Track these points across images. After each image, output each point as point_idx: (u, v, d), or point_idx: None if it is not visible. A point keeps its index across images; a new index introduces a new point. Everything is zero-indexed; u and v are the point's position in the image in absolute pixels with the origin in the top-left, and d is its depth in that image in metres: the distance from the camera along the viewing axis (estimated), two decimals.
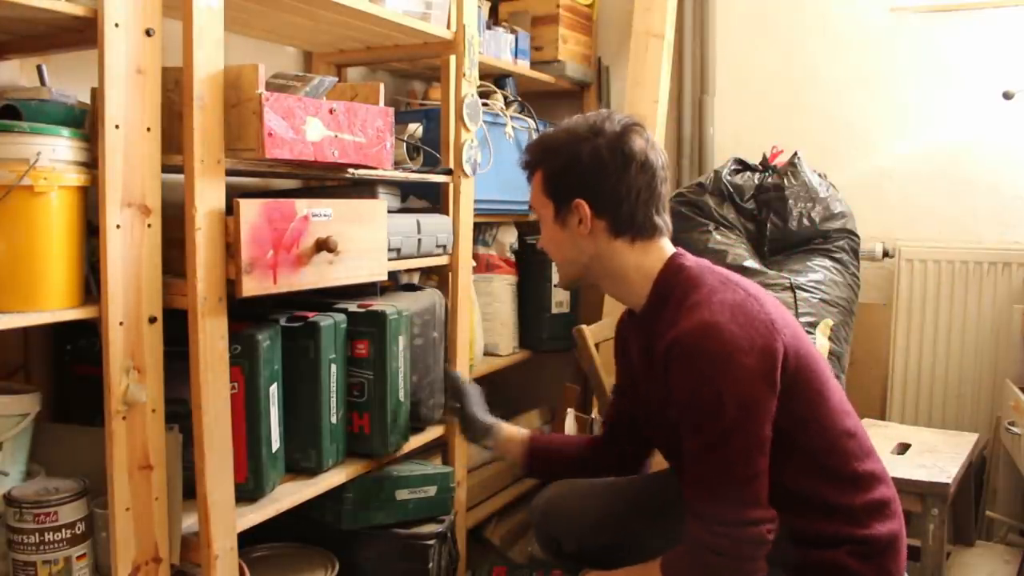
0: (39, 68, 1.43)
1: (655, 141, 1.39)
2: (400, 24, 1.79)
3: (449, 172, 1.93)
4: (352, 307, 1.69)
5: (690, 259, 1.38)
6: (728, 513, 1.21)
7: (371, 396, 1.67)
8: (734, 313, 1.23)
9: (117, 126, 1.20)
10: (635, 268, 1.37)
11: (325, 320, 1.59)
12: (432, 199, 2.01)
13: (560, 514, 1.61)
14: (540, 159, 1.42)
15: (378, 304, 1.70)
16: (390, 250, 1.67)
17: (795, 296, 2.18)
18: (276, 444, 1.50)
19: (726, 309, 1.24)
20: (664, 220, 1.38)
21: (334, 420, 1.61)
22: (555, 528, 1.61)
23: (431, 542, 1.70)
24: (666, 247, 1.39)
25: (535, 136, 1.56)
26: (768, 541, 1.21)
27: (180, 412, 1.34)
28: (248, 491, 1.45)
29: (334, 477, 1.62)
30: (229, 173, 1.36)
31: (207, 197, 1.30)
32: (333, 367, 1.60)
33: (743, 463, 1.20)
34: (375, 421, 1.68)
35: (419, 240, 1.80)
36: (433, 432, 1.90)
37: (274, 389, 1.49)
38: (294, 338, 1.56)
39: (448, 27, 1.92)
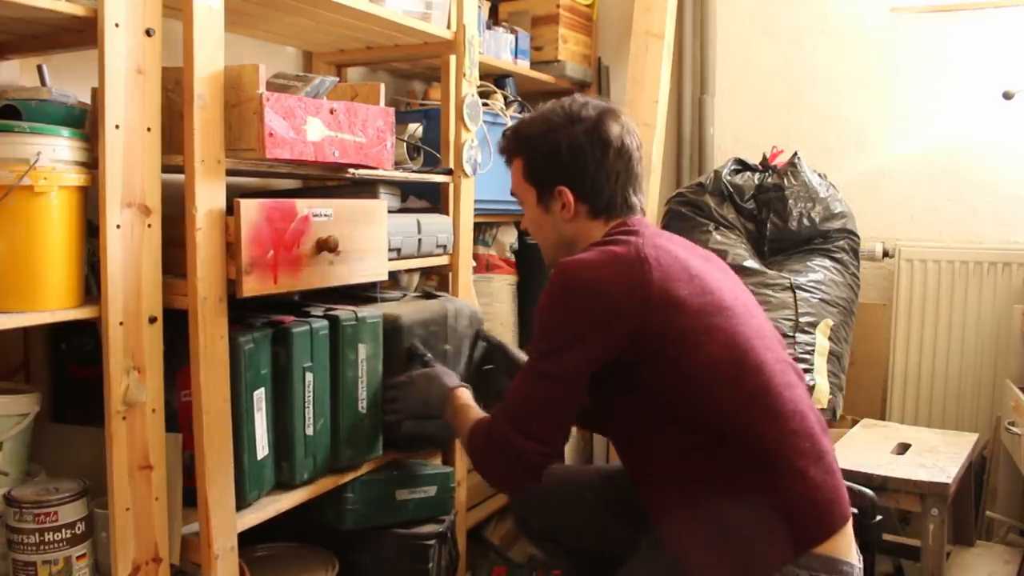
0: (39, 68, 1.42)
1: (630, 123, 1.43)
2: (400, 24, 1.79)
3: (449, 172, 1.93)
4: (318, 312, 1.59)
5: (628, 229, 1.37)
6: (518, 420, 1.30)
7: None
8: (608, 260, 1.28)
9: (117, 126, 1.20)
10: (594, 238, 1.41)
11: (299, 327, 1.49)
12: (432, 199, 2.01)
13: (534, 494, 1.59)
14: (519, 148, 1.45)
15: (339, 310, 1.60)
16: (390, 250, 1.67)
17: (795, 296, 2.18)
18: (262, 452, 1.45)
19: (604, 255, 1.29)
20: (639, 199, 1.44)
21: (310, 432, 1.53)
22: (527, 507, 1.65)
23: (431, 542, 1.69)
24: (628, 221, 1.41)
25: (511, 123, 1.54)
26: (533, 469, 1.31)
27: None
28: None
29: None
30: (229, 173, 1.36)
31: (207, 197, 1.30)
32: (308, 375, 1.51)
33: (546, 389, 1.29)
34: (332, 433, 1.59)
35: (419, 240, 1.80)
36: None
37: (260, 394, 1.44)
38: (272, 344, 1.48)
39: (448, 27, 1.92)
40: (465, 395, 1.54)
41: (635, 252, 1.28)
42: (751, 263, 2.26)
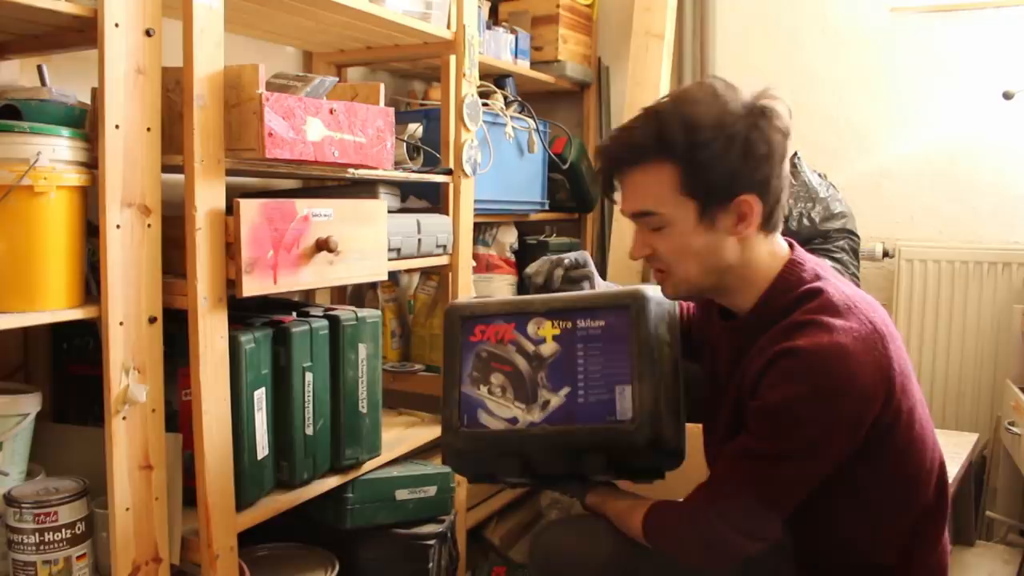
0: (39, 68, 1.43)
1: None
2: (400, 24, 1.79)
3: (449, 172, 1.93)
4: (319, 312, 1.60)
5: (808, 264, 1.22)
6: (735, 515, 1.14)
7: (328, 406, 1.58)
8: (860, 345, 1.10)
9: (117, 126, 1.20)
10: (758, 264, 1.20)
11: (299, 327, 1.50)
12: (432, 199, 2.01)
13: (562, 558, 1.36)
14: (681, 146, 1.13)
15: (340, 309, 1.61)
16: (390, 250, 1.67)
17: None
18: (262, 452, 1.45)
19: (853, 336, 1.10)
20: None
21: (310, 432, 1.53)
22: (557, 573, 1.38)
23: (431, 542, 1.70)
24: (779, 239, 1.24)
25: (643, 118, 1.20)
26: (740, 559, 1.16)
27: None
28: None
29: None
30: (229, 173, 1.36)
31: (207, 197, 1.30)
32: (308, 375, 1.51)
33: (778, 489, 1.14)
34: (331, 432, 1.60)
35: (419, 240, 1.80)
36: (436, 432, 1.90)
37: (260, 394, 1.44)
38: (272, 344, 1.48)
39: (448, 27, 1.92)
40: (597, 498, 1.35)
41: (869, 327, 1.11)
42: None
